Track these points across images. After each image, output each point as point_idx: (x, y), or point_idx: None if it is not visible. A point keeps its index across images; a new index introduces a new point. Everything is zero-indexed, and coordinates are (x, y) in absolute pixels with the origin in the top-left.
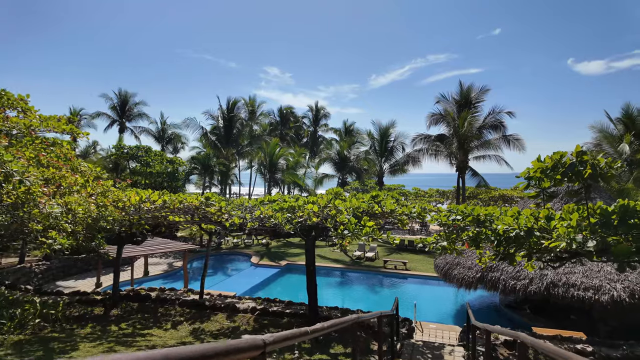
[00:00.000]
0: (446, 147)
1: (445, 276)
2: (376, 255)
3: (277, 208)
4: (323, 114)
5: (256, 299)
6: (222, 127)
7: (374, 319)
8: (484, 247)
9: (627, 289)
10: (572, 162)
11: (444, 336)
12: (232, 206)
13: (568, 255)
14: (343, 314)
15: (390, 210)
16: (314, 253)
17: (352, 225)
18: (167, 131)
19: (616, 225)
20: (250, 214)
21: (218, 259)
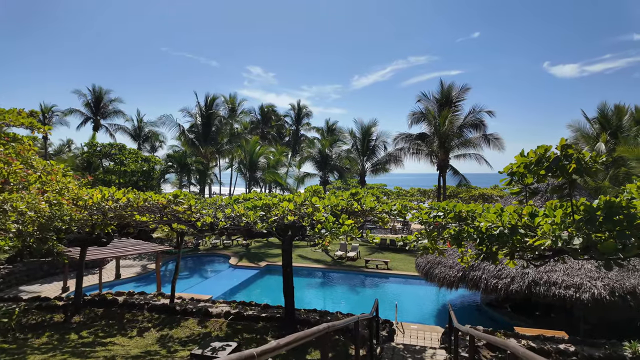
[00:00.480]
0: (427, 145)
1: (426, 275)
2: (358, 254)
3: (250, 206)
4: (305, 113)
5: (231, 303)
6: (200, 124)
7: (349, 324)
8: (466, 245)
9: (608, 287)
10: (556, 156)
11: (425, 337)
12: (203, 204)
13: (551, 254)
14: (322, 316)
15: (370, 208)
16: (291, 253)
17: (329, 223)
18: (144, 129)
19: (601, 221)
20: (222, 213)
21: (195, 261)
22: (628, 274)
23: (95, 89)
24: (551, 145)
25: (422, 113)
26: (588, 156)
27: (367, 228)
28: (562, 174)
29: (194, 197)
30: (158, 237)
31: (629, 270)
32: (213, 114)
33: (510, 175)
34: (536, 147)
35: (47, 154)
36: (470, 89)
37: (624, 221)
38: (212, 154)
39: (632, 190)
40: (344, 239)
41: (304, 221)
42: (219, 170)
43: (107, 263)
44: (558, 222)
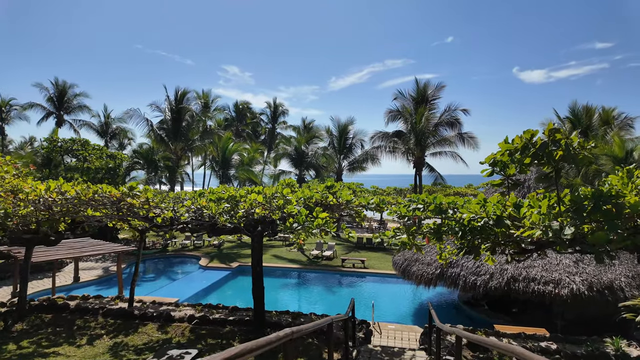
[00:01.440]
0: (404, 143)
1: (403, 273)
2: (334, 254)
3: (214, 198)
4: (282, 111)
5: (196, 306)
6: (170, 119)
7: (322, 326)
8: (446, 240)
9: (586, 282)
10: (544, 142)
11: (403, 338)
12: (161, 198)
13: (534, 248)
14: (294, 318)
15: (346, 201)
16: (261, 251)
17: (302, 217)
18: (111, 125)
19: (589, 211)
20: (183, 207)
21: (163, 262)
22: (605, 268)
23: (58, 82)
24: (537, 130)
25: (398, 111)
26: (576, 141)
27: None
28: (549, 161)
29: (152, 190)
30: (124, 238)
31: (606, 265)
32: (183, 108)
33: (492, 165)
34: (522, 132)
35: (7, 152)
36: (445, 86)
37: (612, 211)
38: (182, 151)
39: (613, 182)
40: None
41: (275, 214)
42: (191, 169)
43: (65, 265)
44: (544, 212)
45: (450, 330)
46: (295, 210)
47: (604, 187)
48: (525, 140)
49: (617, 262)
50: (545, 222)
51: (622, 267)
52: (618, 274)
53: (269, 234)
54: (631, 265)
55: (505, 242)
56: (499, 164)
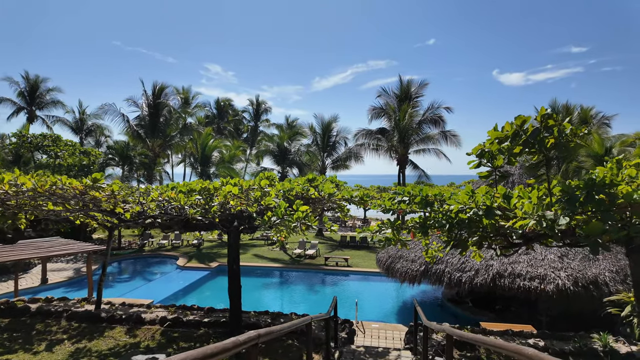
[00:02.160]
0: (387, 140)
1: (387, 271)
2: (317, 252)
3: (185, 190)
4: (264, 109)
5: (169, 307)
6: (147, 115)
7: (300, 327)
8: (431, 236)
9: (571, 277)
10: (536, 128)
11: (387, 337)
12: (128, 191)
13: (522, 241)
14: (274, 319)
15: (328, 194)
16: (238, 249)
17: (280, 210)
18: (87, 122)
19: (582, 201)
20: (152, 200)
21: (139, 262)
22: (589, 263)
23: (29, 76)
24: (529, 117)
25: (382, 108)
26: (569, 128)
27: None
28: (541, 150)
29: (119, 183)
30: (99, 238)
31: (590, 260)
32: (161, 103)
33: (479, 157)
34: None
35: None
36: (428, 84)
37: (606, 201)
38: (160, 148)
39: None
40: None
41: (251, 207)
42: (171, 167)
43: (33, 266)
44: (535, 202)
45: (439, 328)
46: (273, 202)
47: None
48: (516, 127)
49: (600, 256)
50: (539, 212)
51: (606, 262)
52: (602, 269)
53: (247, 230)
54: (614, 259)
55: (494, 235)
56: (486, 154)
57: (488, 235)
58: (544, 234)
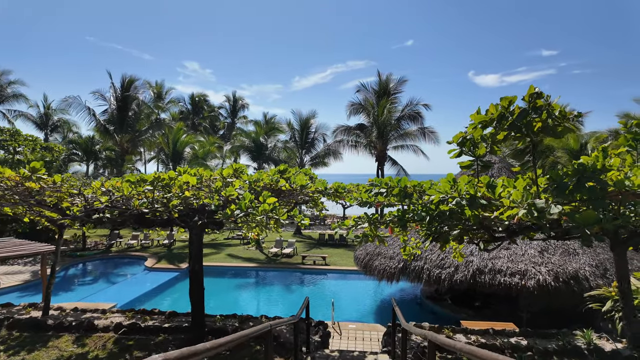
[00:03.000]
0: (366, 136)
1: (365, 268)
2: (294, 251)
3: (133, 180)
4: (242, 105)
5: (127, 312)
6: (115, 108)
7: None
8: (409, 231)
9: (552, 272)
10: (523, 109)
11: (364, 338)
12: (74, 183)
13: (505, 234)
14: (242, 322)
15: (300, 186)
16: (201, 247)
17: (245, 202)
18: (52, 117)
19: (572, 189)
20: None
21: (104, 264)
22: (569, 258)
23: None
24: (516, 97)
25: (360, 104)
26: (558, 109)
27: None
28: (528, 133)
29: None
30: (65, 238)
31: (570, 254)
32: (130, 97)
33: (460, 145)
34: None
35: None
36: (407, 81)
37: (597, 188)
38: (129, 143)
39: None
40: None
41: (211, 199)
42: (143, 164)
43: None
44: (518, 192)
45: (420, 332)
46: (235, 193)
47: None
48: (502, 109)
49: (580, 251)
50: (529, 200)
51: (585, 256)
52: (582, 263)
53: (212, 226)
54: (594, 253)
55: (477, 227)
56: (467, 143)
57: (470, 228)
58: (531, 226)
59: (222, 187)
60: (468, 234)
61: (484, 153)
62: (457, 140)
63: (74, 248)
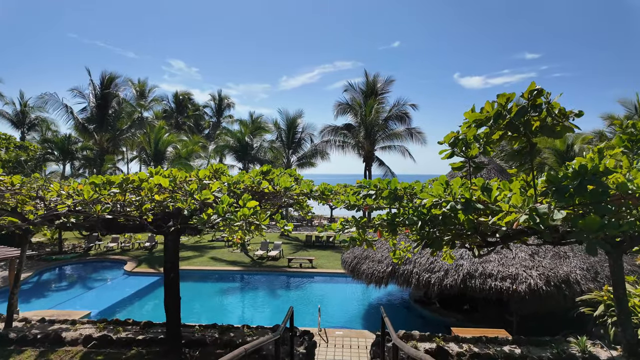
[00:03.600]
0: (353, 136)
1: (353, 272)
2: (281, 253)
3: (98, 182)
4: (227, 104)
5: (98, 323)
6: (95, 106)
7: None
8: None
9: (543, 276)
10: (522, 107)
11: (352, 346)
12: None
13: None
14: (222, 333)
15: (284, 188)
16: (177, 253)
17: (223, 205)
18: (29, 115)
19: (574, 192)
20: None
21: (82, 268)
22: (560, 261)
23: None
24: (514, 94)
25: (348, 104)
26: (558, 108)
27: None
28: (525, 132)
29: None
30: (39, 242)
31: (561, 258)
32: (110, 94)
33: (452, 146)
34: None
35: None
36: (394, 81)
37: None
38: (109, 142)
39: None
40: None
41: (184, 203)
42: (126, 163)
43: None
44: (518, 195)
45: (415, 354)
46: (212, 197)
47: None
48: (498, 107)
49: (571, 254)
50: (530, 205)
51: (576, 260)
52: (573, 267)
53: (190, 231)
54: (584, 257)
55: (472, 232)
56: (459, 143)
57: (465, 233)
58: (526, 230)
59: (198, 189)
60: (461, 239)
61: (476, 154)
62: (449, 140)
63: (50, 251)
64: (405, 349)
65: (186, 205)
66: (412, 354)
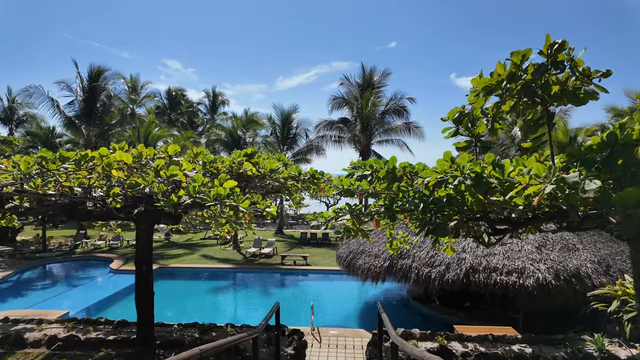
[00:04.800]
0: (349, 130)
1: (348, 268)
2: (274, 251)
3: (50, 157)
4: (222, 101)
5: (67, 322)
6: (82, 100)
7: None
8: (397, 225)
9: (552, 270)
10: (541, 64)
11: (347, 345)
12: None
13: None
14: (203, 333)
15: (270, 171)
16: (150, 244)
17: (195, 185)
18: (18, 111)
19: (602, 165)
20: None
21: (67, 266)
22: (569, 253)
23: None
24: (530, 50)
25: (343, 98)
26: (582, 66)
27: (288, 222)
28: (543, 98)
29: None
30: (24, 240)
31: (570, 250)
32: (98, 87)
33: (456, 122)
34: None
35: None
36: (391, 73)
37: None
38: (97, 137)
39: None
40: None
41: (149, 180)
42: None
43: None
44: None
45: (419, 354)
46: (179, 173)
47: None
48: (512, 67)
49: (580, 246)
50: (555, 173)
51: (586, 252)
52: (583, 260)
53: (164, 220)
54: (594, 249)
55: (481, 215)
56: (465, 119)
57: (472, 217)
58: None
59: (164, 166)
60: (466, 225)
61: (483, 131)
62: (453, 117)
63: (35, 250)
64: (408, 349)
65: (148, 183)
66: (415, 353)
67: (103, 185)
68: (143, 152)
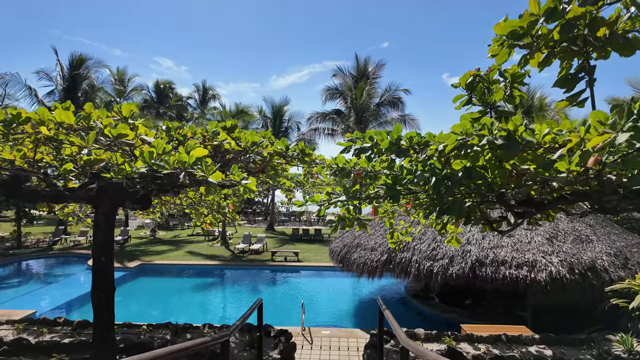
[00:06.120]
0: (343, 122)
1: (342, 263)
2: (264, 247)
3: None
4: (212, 95)
5: (18, 323)
6: (63, 89)
7: None
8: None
9: (565, 263)
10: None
11: (340, 347)
12: None
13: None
14: (176, 334)
15: (252, 143)
16: (111, 230)
17: (151, 149)
18: None
19: None
20: None
21: (41, 263)
22: (583, 245)
23: None
24: None
25: (337, 89)
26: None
27: (279, 219)
28: (586, 43)
29: None
30: (1, 237)
31: (583, 242)
32: (80, 76)
33: (469, 89)
34: None
35: None
36: (385, 64)
37: None
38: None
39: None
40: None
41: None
42: None
43: None
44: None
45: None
46: (131, 134)
47: None
48: (551, 3)
49: (594, 237)
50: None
51: (601, 244)
52: (598, 252)
53: (129, 204)
54: (609, 241)
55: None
56: (479, 85)
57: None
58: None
59: (111, 126)
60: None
61: (500, 98)
62: (466, 82)
63: (9, 246)
64: (427, 355)
65: (87, 144)
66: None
67: (53, 161)
68: (93, 114)
